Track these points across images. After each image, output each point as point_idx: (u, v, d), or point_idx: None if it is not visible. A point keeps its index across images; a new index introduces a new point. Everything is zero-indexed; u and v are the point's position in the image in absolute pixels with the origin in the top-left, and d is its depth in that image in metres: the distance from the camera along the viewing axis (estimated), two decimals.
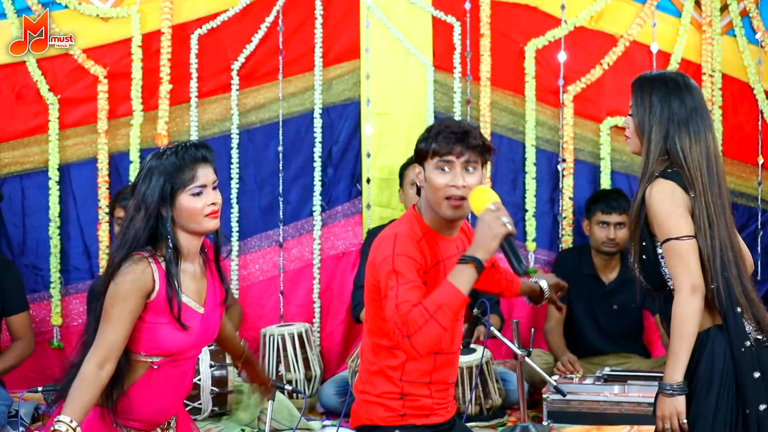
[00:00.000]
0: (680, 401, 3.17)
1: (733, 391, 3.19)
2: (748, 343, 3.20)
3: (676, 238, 3.16)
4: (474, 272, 3.02)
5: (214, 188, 3.14)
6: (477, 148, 3.18)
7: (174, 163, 3.07)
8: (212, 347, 5.06)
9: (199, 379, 4.99)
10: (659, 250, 3.22)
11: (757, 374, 3.19)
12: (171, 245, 3.08)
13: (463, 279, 3.02)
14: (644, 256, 3.22)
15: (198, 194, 3.09)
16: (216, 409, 5.10)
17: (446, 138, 3.18)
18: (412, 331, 2.98)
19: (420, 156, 3.23)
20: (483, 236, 3.05)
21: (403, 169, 5.65)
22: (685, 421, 3.18)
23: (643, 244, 3.22)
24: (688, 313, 3.15)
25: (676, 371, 3.17)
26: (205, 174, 3.10)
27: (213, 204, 3.11)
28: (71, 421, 2.98)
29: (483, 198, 3.11)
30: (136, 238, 3.07)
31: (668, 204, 3.17)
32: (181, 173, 3.07)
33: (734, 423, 3.19)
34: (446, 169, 3.17)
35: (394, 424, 3.25)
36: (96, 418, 3.14)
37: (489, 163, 3.29)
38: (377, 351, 3.24)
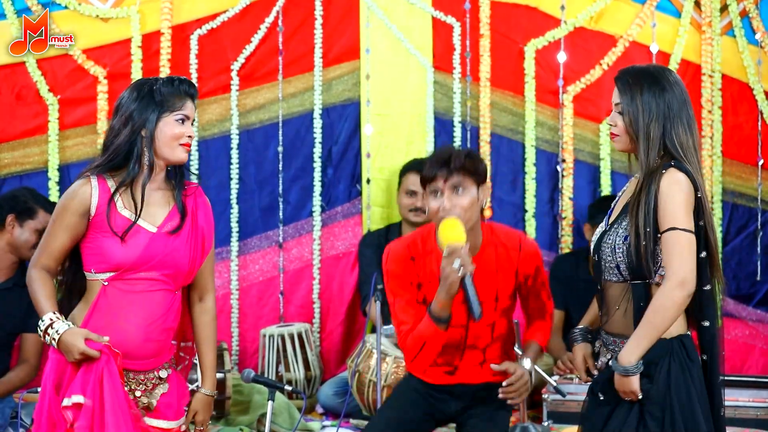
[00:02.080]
0: (635, 380, 3.17)
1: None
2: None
3: (683, 229, 3.15)
4: (443, 311, 3.47)
5: (192, 125, 3.36)
6: (451, 170, 3.47)
7: (169, 91, 3.30)
8: None
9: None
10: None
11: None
12: (148, 162, 3.28)
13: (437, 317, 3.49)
14: (644, 242, 3.18)
15: (181, 122, 3.31)
16: (214, 413, 5.08)
17: (431, 165, 3.50)
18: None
19: (421, 184, 3.58)
20: (442, 281, 3.42)
21: (402, 173, 5.69)
22: (640, 396, 3.19)
23: (647, 230, 3.18)
24: (668, 306, 3.12)
25: (634, 354, 3.15)
26: (191, 108, 3.34)
27: (189, 137, 3.32)
28: (48, 313, 3.26)
29: (443, 236, 3.40)
30: (117, 151, 3.28)
31: (682, 196, 3.17)
32: (173, 100, 3.30)
33: None
34: (437, 194, 3.50)
35: None
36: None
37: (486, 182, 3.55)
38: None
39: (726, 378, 5.12)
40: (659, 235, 3.17)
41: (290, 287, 5.98)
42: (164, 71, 5.82)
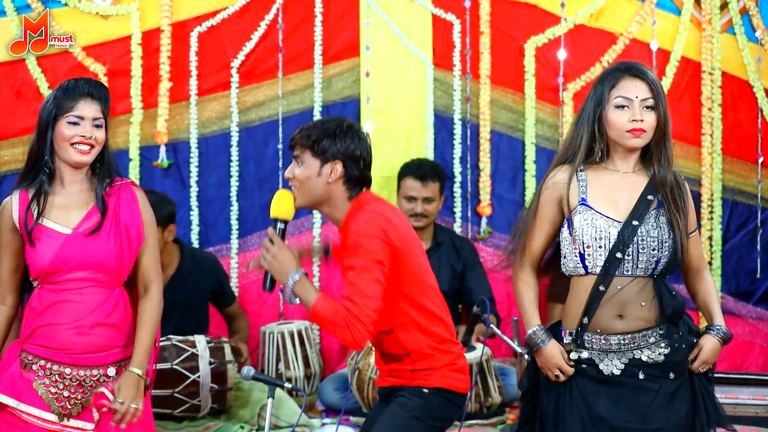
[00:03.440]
0: None
1: None
2: None
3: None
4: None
5: (96, 126, 3.35)
6: (294, 141, 3.43)
7: (61, 94, 3.38)
8: (211, 344, 5.06)
9: (198, 376, 4.99)
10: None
11: None
12: (47, 167, 3.36)
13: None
14: (686, 241, 3.31)
15: (73, 123, 3.34)
16: (215, 406, 5.09)
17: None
18: None
19: None
20: None
21: (400, 176, 5.70)
22: None
23: (686, 230, 3.33)
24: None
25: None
26: (87, 107, 3.35)
27: (83, 136, 3.33)
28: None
29: (271, 206, 3.41)
30: (33, 160, 3.40)
31: None
32: (64, 103, 3.35)
33: None
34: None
35: None
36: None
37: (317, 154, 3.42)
38: None
39: (726, 376, 5.16)
40: (689, 235, 3.33)
41: None
42: (164, 68, 5.82)
